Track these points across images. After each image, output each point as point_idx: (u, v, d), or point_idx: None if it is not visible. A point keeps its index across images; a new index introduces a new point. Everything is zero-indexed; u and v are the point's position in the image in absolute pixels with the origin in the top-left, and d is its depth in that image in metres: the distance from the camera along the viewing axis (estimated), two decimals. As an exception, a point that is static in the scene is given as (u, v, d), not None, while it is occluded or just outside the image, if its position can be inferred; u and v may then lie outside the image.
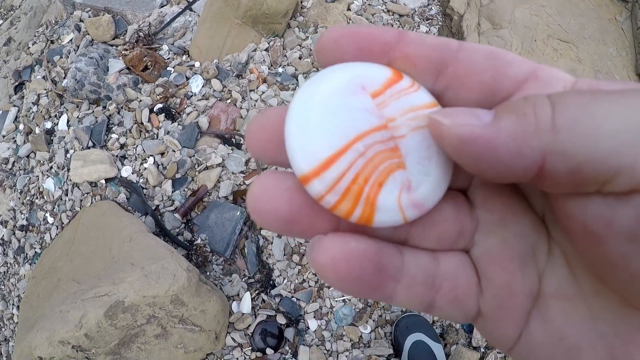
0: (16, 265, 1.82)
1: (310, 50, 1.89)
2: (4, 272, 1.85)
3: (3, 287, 1.84)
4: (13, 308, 1.78)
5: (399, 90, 0.23)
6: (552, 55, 2.18)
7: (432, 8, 2.21)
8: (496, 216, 0.24)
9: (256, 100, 1.77)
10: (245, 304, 1.51)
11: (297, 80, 1.80)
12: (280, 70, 1.84)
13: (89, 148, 1.78)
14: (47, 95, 2.01)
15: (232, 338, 1.47)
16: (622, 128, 0.17)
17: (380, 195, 0.22)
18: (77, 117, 1.87)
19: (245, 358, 1.47)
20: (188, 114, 1.77)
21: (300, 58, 1.86)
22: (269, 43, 1.90)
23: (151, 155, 1.70)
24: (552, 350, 0.23)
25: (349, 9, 2.05)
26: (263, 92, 1.78)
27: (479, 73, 0.22)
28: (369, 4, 2.10)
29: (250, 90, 1.80)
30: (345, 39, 0.23)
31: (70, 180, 1.73)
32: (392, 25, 2.05)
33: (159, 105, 1.78)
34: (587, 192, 0.19)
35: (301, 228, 0.23)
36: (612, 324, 0.21)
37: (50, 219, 1.78)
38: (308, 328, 1.48)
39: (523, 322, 0.23)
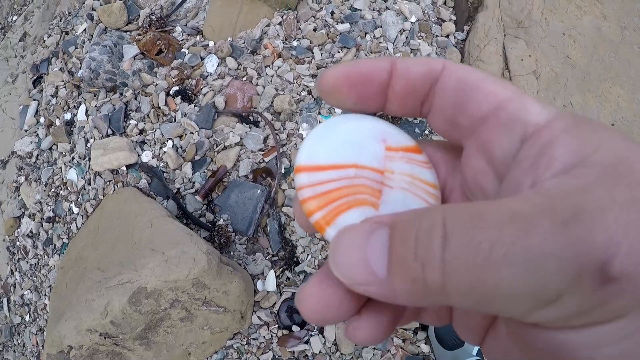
0: (46, 257, 1.84)
1: (325, 21, 1.82)
2: (35, 263, 1.87)
3: (35, 278, 1.86)
4: (45, 299, 1.80)
5: (411, 158, 0.27)
6: (576, 13, 2.04)
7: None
8: None
9: (272, 76, 1.71)
10: (270, 282, 1.47)
11: (312, 52, 1.74)
12: (295, 43, 1.77)
13: (108, 136, 1.77)
14: (65, 87, 2.01)
15: (258, 317, 1.44)
16: (514, 293, 0.17)
17: (343, 215, 0.24)
18: (95, 106, 1.85)
19: (271, 336, 1.44)
20: (204, 95, 1.73)
21: (315, 30, 1.79)
22: (282, 17, 1.84)
23: (170, 139, 1.68)
24: None
25: (363, -24, 1.96)
26: (279, 67, 1.72)
27: (444, 109, 0.25)
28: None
29: (266, 66, 1.74)
30: (343, 85, 0.26)
31: (92, 169, 1.73)
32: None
33: (175, 88, 1.75)
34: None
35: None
36: None
37: (75, 209, 1.78)
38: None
39: None
